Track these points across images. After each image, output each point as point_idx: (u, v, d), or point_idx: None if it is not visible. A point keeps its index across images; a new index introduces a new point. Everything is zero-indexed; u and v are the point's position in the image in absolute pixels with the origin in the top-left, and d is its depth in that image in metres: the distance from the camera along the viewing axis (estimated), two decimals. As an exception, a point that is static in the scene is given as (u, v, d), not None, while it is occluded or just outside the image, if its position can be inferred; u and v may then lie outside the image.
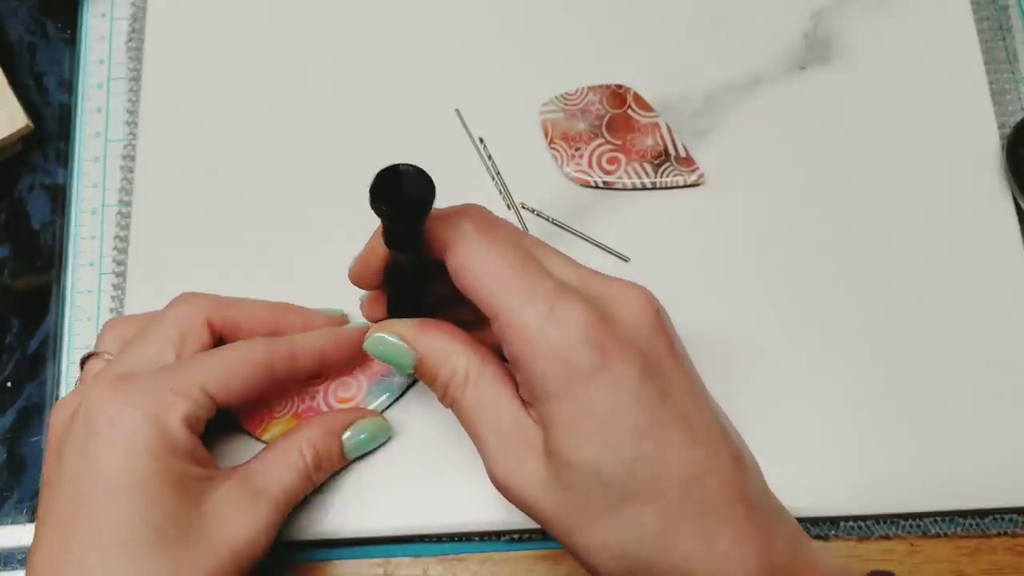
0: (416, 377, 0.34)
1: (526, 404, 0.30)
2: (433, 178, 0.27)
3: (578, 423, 0.28)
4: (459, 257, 0.29)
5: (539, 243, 0.32)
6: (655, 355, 0.29)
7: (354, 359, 0.37)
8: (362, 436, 0.36)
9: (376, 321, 0.34)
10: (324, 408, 0.37)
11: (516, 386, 0.30)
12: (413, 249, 0.30)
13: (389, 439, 0.37)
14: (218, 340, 0.35)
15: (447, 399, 0.31)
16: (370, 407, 0.37)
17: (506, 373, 0.31)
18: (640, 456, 0.28)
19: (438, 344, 0.31)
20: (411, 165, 0.27)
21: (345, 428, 0.36)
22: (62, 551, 0.30)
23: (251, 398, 0.35)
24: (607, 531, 0.28)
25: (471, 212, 0.31)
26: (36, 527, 0.31)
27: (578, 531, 0.29)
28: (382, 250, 0.31)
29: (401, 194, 0.27)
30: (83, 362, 0.35)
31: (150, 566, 0.30)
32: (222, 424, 0.37)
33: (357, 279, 0.33)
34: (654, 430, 0.28)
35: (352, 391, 0.37)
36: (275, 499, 0.33)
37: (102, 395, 0.31)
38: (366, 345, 0.32)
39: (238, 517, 0.32)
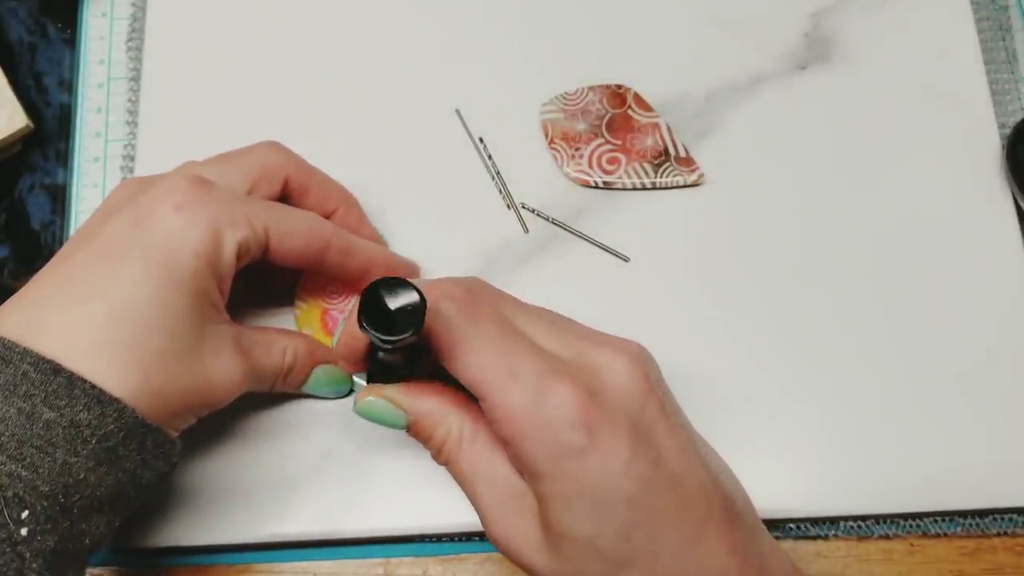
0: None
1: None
2: (422, 294, 0.27)
3: (571, 500, 0.28)
4: (442, 341, 0.29)
5: (523, 309, 0.31)
6: (645, 422, 0.29)
7: None
8: (325, 379, 0.36)
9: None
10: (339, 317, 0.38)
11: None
12: (405, 354, 0.30)
13: (343, 396, 0.38)
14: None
15: (441, 458, 0.31)
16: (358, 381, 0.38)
17: (493, 432, 0.31)
18: (634, 526, 0.28)
19: (430, 407, 0.31)
20: (398, 283, 0.27)
21: (322, 363, 0.36)
22: (63, 291, 0.30)
23: (293, 265, 0.35)
24: None
25: (450, 291, 0.30)
26: (61, 254, 0.32)
27: None
28: (362, 337, 0.31)
29: (391, 321, 0.27)
30: None
31: (141, 343, 0.29)
32: (220, 425, 0.37)
33: (344, 359, 0.33)
34: (647, 499, 0.28)
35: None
36: (252, 370, 0.33)
37: (179, 184, 0.31)
38: (357, 409, 0.32)
39: (225, 360, 0.32)
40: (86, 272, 0.30)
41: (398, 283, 0.27)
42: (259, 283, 0.37)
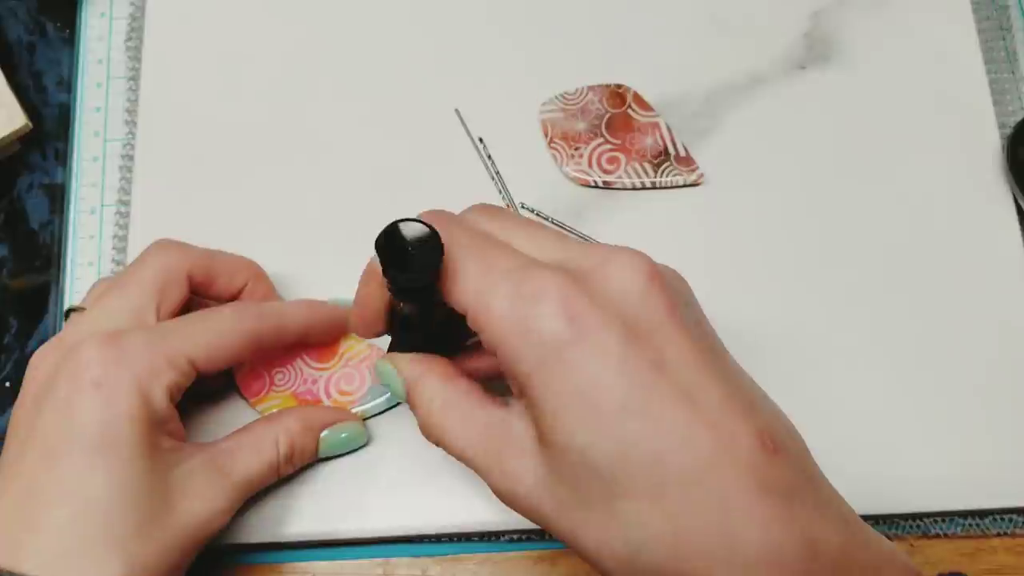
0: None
1: (506, 404, 0.29)
2: (433, 227, 0.27)
3: (558, 402, 0.25)
4: None
5: (516, 224, 0.30)
6: (647, 323, 0.26)
7: (335, 335, 0.38)
8: (342, 436, 0.36)
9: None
10: (324, 396, 0.37)
11: (486, 393, 0.29)
12: (425, 299, 0.29)
13: (364, 445, 0.37)
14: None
15: (430, 435, 0.30)
16: (369, 405, 0.37)
17: (473, 385, 0.30)
18: (632, 440, 0.24)
19: (419, 372, 0.30)
20: (414, 222, 0.27)
21: (325, 426, 0.36)
22: (23, 503, 0.30)
23: (230, 366, 0.35)
24: (606, 529, 0.25)
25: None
26: (8, 458, 0.31)
27: (579, 530, 0.26)
28: (377, 295, 0.30)
29: (410, 256, 0.27)
30: (67, 315, 0.35)
31: (109, 529, 0.29)
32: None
33: (360, 330, 0.32)
34: (647, 408, 0.24)
35: (354, 385, 0.37)
36: (239, 484, 0.33)
37: (91, 353, 0.31)
38: (377, 371, 0.32)
39: (201, 494, 0.32)
40: (37, 479, 0.30)
41: (410, 222, 0.27)
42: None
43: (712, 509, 0.24)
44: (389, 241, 0.27)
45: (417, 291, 0.28)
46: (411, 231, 0.27)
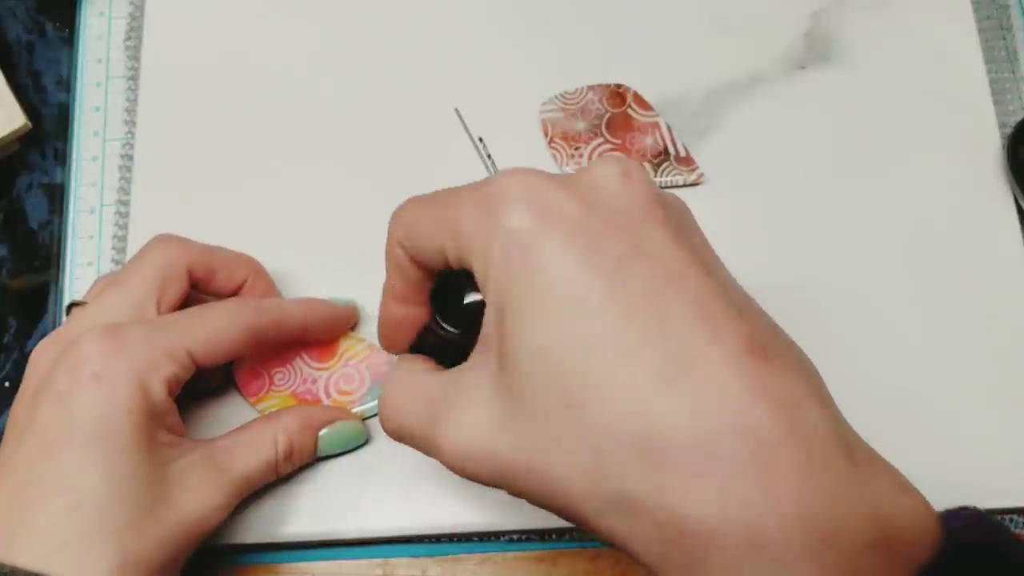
0: None
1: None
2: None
3: (521, 302, 0.23)
4: (395, 228, 0.28)
5: None
6: (622, 216, 0.24)
7: (334, 334, 0.38)
8: (341, 435, 0.36)
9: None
10: (324, 395, 0.37)
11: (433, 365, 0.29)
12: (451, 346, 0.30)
13: (364, 444, 0.37)
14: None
15: (390, 431, 0.29)
16: (369, 404, 0.37)
17: (415, 359, 0.30)
18: (592, 339, 0.22)
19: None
20: (472, 287, 0.27)
21: (324, 425, 0.36)
22: (19, 495, 0.30)
23: (228, 361, 0.35)
24: (574, 448, 0.22)
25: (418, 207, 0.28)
26: (6, 451, 0.31)
27: (545, 457, 0.23)
28: (400, 311, 0.30)
29: (460, 315, 0.28)
30: (68, 310, 0.36)
31: (104, 521, 0.29)
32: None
33: (389, 346, 0.31)
34: (612, 303, 0.22)
35: (354, 385, 0.37)
36: (236, 481, 0.33)
37: (90, 346, 0.31)
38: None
39: (198, 490, 0.32)
40: (34, 470, 0.30)
41: (471, 288, 0.28)
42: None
43: (688, 410, 0.21)
44: (452, 299, 0.28)
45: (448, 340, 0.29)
46: (471, 298, 0.28)
